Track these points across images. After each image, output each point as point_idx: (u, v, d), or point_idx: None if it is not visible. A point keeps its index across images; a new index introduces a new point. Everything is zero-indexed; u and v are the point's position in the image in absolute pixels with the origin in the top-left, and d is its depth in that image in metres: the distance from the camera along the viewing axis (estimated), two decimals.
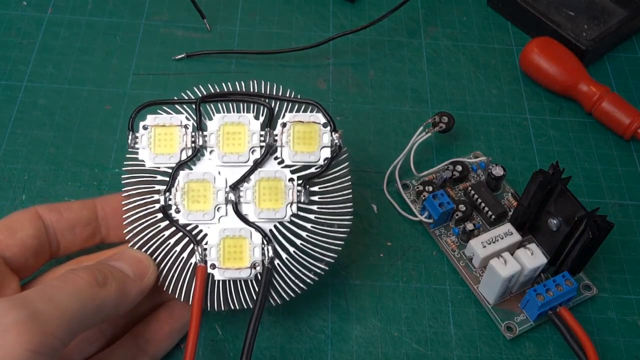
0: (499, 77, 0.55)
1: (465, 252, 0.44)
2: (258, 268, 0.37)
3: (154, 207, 0.38)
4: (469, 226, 0.45)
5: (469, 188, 0.47)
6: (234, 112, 0.40)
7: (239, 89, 0.40)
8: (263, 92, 0.40)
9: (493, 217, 0.46)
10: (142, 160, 0.38)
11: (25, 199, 0.46)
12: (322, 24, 0.58)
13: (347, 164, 0.40)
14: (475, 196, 0.46)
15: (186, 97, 0.40)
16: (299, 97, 0.40)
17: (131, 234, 0.39)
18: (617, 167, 0.51)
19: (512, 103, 0.54)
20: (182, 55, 0.54)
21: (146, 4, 0.58)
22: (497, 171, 0.47)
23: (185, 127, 0.38)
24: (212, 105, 0.40)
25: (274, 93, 0.40)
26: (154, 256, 0.38)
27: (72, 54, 0.54)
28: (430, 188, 0.46)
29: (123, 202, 0.39)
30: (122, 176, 0.39)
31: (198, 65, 0.54)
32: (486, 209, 0.46)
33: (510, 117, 0.53)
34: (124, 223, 0.39)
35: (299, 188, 0.38)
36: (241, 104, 0.40)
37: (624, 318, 0.44)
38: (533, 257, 0.42)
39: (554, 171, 0.42)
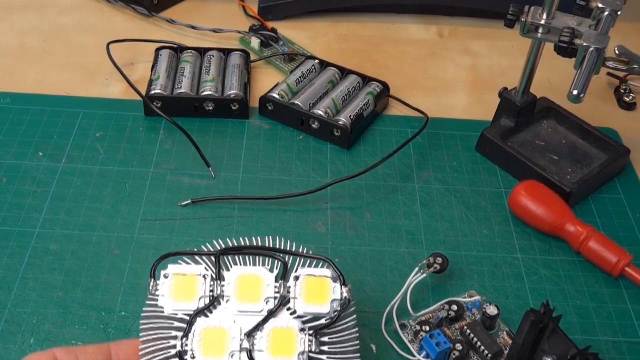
0: (490, 218, 0.58)
1: None
2: None
3: (170, 352, 0.39)
4: None
5: (465, 327, 0.48)
6: (250, 264, 0.42)
7: (255, 244, 0.43)
8: (278, 247, 0.43)
9: (489, 355, 0.47)
10: (162, 307, 0.40)
11: (33, 343, 0.47)
12: (320, 170, 0.61)
13: (355, 316, 0.42)
14: (471, 335, 0.48)
15: (206, 249, 0.43)
16: (310, 252, 0.43)
17: None
18: (608, 305, 0.52)
19: (503, 243, 0.56)
20: (188, 201, 0.57)
21: (154, 153, 0.61)
22: (492, 310, 0.48)
23: (204, 276, 0.41)
24: (229, 258, 0.42)
25: (288, 248, 0.43)
26: None
27: (84, 201, 0.57)
28: (427, 327, 0.48)
29: (140, 347, 0.40)
30: (141, 321, 0.41)
31: (203, 210, 0.57)
32: (482, 347, 0.47)
33: (502, 256, 0.55)
34: None
35: (310, 338, 0.40)
36: (257, 257, 0.43)
37: None
38: None
39: (545, 310, 0.44)
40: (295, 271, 0.42)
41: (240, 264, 0.43)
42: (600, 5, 0.56)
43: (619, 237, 0.57)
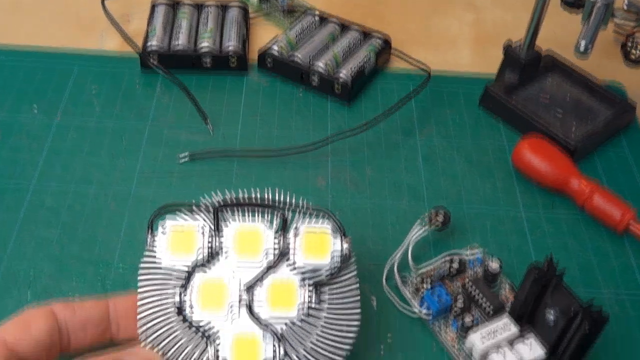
0: (493, 173, 0.57)
1: (465, 346, 0.45)
2: None
3: (169, 305, 0.39)
4: (468, 320, 0.45)
5: (467, 282, 0.48)
6: (249, 217, 0.41)
7: (254, 197, 0.42)
8: (278, 200, 0.42)
9: (491, 310, 0.46)
10: (159, 260, 0.40)
11: (30, 297, 0.47)
12: (321, 125, 0.60)
13: (355, 269, 0.42)
14: (473, 290, 0.47)
15: (204, 203, 0.42)
16: (311, 205, 0.42)
17: (144, 331, 0.39)
18: (612, 260, 0.52)
19: (506, 198, 0.55)
20: (186, 156, 0.56)
21: (152, 109, 0.60)
22: (494, 265, 0.48)
23: (203, 230, 0.40)
24: (228, 211, 0.42)
25: (288, 201, 0.42)
26: (166, 355, 0.39)
27: (80, 155, 0.56)
28: (429, 282, 0.47)
29: (138, 300, 0.40)
30: (139, 274, 0.41)
31: (201, 165, 0.56)
32: (484, 302, 0.47)
33: (504, 212, 0.54)
34: (138, 320, 0.40)
35: (310, 291, 0.39)
36: (256, 211, 0.42)
37: None
38: (531, 350, 0.42)
39: (549, 266, 0.43)
40: (295, 224, 0.41)
41: (239, 218, 0.42)
42: None
43: (624, 193, 0.56)
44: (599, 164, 0.59)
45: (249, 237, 0.41)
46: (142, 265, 0.41)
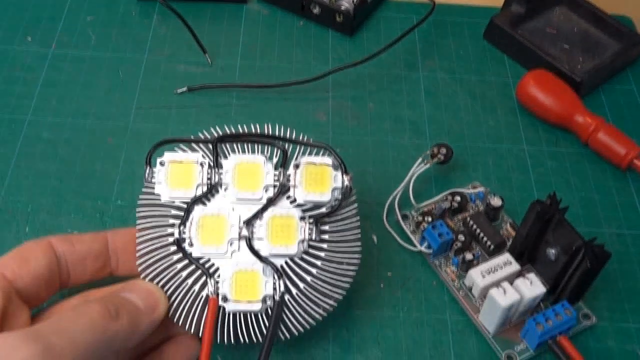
0: (496, 108, 0.56)
1: (465, 282, 0.45)
2: (269, 302, 0.38)
3: (168, 240, 0.39)
4: (468, 256, 0.45)
5: (468, 218, 0.47)
6: (249, 152, 0.41)
7: (254, 131, 0.41)
8: (277, 134, 0.41)
9: (492, 247, 0.46)
10: (158, 195, 0.39)
11: (28, 231, 0.46)
12: (322, 57, 0.59)
13: (356, 205, 0.41)
14: (474, 226, 0.47)
15: (203, 136, 0.41)
16: (311, 140, 0.41)
17: (143, 266, 0.39)
18: (614, 197, 0.51)
19: (509, 134, 0.55)
20: (184, 89, 0.55)
21: (148, 39, 0.59)
22: (495, 202, 0.47)
23: (202, 164, 0.39)
24: (227, 146, 0.41)
25: (288, 136, 0.41)
26: (165, 288, 0.39)
27: (76, 88, 0.55)
28: (430, 218, 0.47)
29: (137, 235, 0.40)
30: (137, 209, 0.40)
31: (200, 98, 0.55)
32: (485, 239, 0.46)
33: (507, 148, 0.54)
34: (137, 255, 0.39)
35: (310, 226, 0.39)
36: (256, 145, 0.41)
37: (623, 347, 0.44)
38: (532, 287, 0.42)
39: (552, 202, 0.43)
40: (296, 159, 0.40)
41: (239, 152, 0.41)
42: None
43: (629, 129, 0.55)
44: (604, 100, 0.58)
45: (248, 170, 0.40)
46: (140, 199, 0.41)
